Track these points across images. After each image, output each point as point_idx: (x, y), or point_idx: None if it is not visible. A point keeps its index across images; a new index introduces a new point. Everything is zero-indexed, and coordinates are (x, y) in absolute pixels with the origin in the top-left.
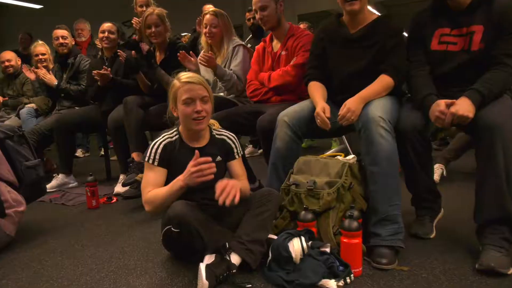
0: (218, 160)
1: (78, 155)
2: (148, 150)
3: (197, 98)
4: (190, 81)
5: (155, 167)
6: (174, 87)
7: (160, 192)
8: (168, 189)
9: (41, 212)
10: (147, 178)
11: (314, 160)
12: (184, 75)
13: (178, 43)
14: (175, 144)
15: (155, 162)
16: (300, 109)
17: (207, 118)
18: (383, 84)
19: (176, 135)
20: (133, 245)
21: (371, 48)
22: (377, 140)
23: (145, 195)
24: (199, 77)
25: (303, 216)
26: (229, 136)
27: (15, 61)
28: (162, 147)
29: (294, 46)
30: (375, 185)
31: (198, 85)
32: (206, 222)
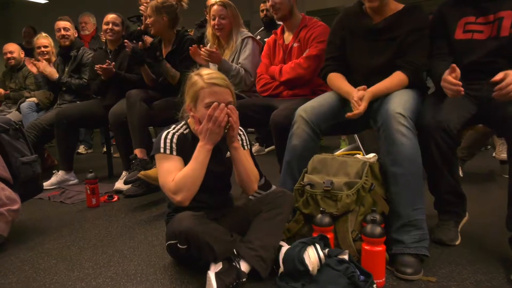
0: (228, 156)
1: (80, 152)
2: (160, 142)
3: (223, 102)
4: (216, 83)
5: (172, 157)
6: (195, 86)
7: (187, 170)
8: (194, 161)
9: (38, 210)
10: (165, 168)
11: (331, 158)
12: (208, 74)
13: (186, 36)
14: (186, 137)
15: (173, 151)
16: (319, 104)
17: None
18: (396, 81)
19: (187, 129)
20: (133, 248)
21: (394, 41)
22: (398, 138)
23: (169, 185)
24: (225, 78)
25: (320, 220)
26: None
27: (18, 53)
28: (176, 138)
29: (307, 38)
30: (397, 187)
31: (225, 88)
32: (216, 233)
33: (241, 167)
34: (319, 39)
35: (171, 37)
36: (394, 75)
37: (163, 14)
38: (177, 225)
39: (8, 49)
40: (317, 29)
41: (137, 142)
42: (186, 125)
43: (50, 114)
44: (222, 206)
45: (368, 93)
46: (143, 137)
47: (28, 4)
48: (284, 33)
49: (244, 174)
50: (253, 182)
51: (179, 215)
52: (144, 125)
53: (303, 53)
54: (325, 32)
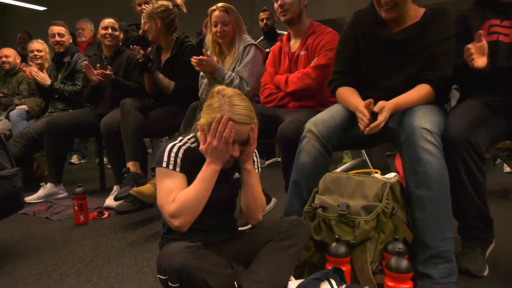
0: (236, 177)
1: (73, 162)
2: (164, 155)
3: (238, 141)
4: (242, 121)
5: (174, 173)
6: (217, 111)
7: (190, 192)
8: (198, 182)
9: (20, 227)
10: (166, 186)
11: (345, 177)
12: (235, 105)
13: (186, 42)
14: (194, 152)
15: (177, 167)
16: (330, 117)
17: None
18: (423, 95)
19: (195, 143)
20: (121, 276)
21: (420, 54)
22: (424, 157)
23: (169, 207)
24: (251, 110)
25: (335, 250)
26: None
27: (13, 58)
28: (183, 152)
29: (315, 45)
30: (423, 213)
31: (248, 126)
32: (214, 267)
33: (249, 193)
34: (328, 47)
35: (169, 43)
36: (420, 88)
37: (156, 20)
38: (169, 260)
39: (4, 53)
40: (326, 36)
41: (130, 154)
42: (194, 137)
43: (40, 122)
44: (224, 229)
45: (389, 104)
46: (137, 149)
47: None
48: (290, 40)
49: (252, 202)
50: (259, 211)
51: (172, 247)
52: (138, 136)
53: (311, 62)
54: (335, 39)
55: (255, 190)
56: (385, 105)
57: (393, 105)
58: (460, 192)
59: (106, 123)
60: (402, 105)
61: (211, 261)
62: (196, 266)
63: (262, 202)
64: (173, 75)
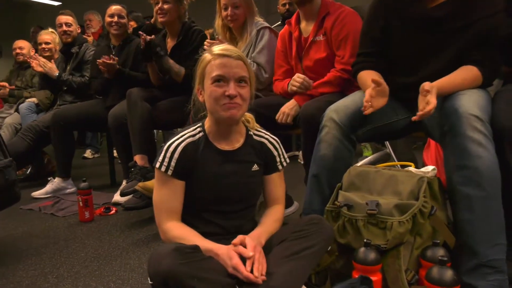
0: (255, 169)
1: (86, 156)
2: (161, 153)
3: (232, 77)
4: (226, 54)
5: (169, 179)
6: (203, 62)
7: (187, 239)
8: (199, 243)
9: (23, 224)
10: (160, 195)
11: (374, 171)
12: (218, 47)
13: (193, 27)
14: (198, 144)
15: (169, 171)
16: (354, 103)
17: (242, 107)
18: (468, 77)
19: (200, 133)
20: (122, 279)
21: (463, 32)
22: (473, 149)
23: (162, 223)
24: (238, 50)
25: (363, 256)
26: (271, 140)
27: (27, 50)
28: (180, 151)
29: (337, 32)
30: (471, 214)
31: (236, 60)
32: (208, 273)
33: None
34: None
35: (177, 29)
36: (466, 70)
37: (183, 4)
38: (154, 264)
39: (18, 45)
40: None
41: (137, 147)
42: (201, 127)
43: (48, 115)
44: (241, 232)
45: (435, 86)
46: (145, 141)
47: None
48: (301, 23)
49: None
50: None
51: (160, 249)
52: (146, 127)
53: (333, 48)
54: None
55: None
56: (432, 87)
57: (436, 88)
58: (510, 192)
59: (113, 115)
60: (445, 89)
61: (206, 266)
62: (185, 272)
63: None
64: (181, 62)
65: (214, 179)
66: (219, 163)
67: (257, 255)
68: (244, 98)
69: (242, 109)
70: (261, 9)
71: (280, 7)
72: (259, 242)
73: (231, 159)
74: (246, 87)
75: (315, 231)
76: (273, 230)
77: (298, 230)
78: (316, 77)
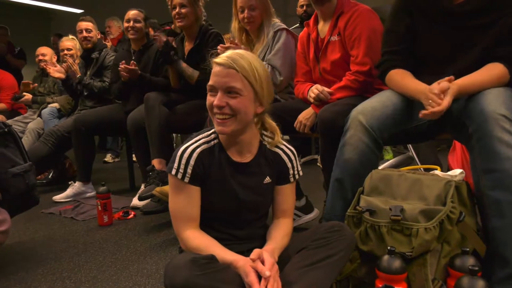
0: (267, 182)
1: (107, 160)
2: (175, 159)
3: (220, 87)
4: (219, 62)
5: (185, 186)
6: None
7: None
8: (218, 255)
9: (44, 227)
10: (177, 203)
11: (398, 175)
12: (227, 52)
13: (210, 30)
14: (213, 150)
15: (186, 178)
16: (381, 104)
17: (235, 120)
18: (494, 75)
19: (215, 140)
20: (139, 285)
21: (492, 28)
22: (503, 151)
23: (180, 232)
24: (245, 59)
25: (387, 264)
26: (286, 151)
27: (50, 56)
28: (196, 157)
29: (350, 32)
30: (502, 220)
31: (227, 69)
32: (225, 285)
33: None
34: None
35: (195, 32)
36: (491, 67)
37: (199, 6)
38: (171, 275)
39: (41, 51)
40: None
41: (155, 151)
42: (215, 134)
43: (69, 120)
44: (252, 238)
45: (454, 85)
46: (163, 145)
47: (66, 13)
48: (318, 24)
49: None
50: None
51: (177, 260)
52: (164, 131)
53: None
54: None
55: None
56: (448, 87)
57: (457, 87)
58: None
59: (132, 119)
60: (468, 87)
61: (222, 278)
62: (201, 284)
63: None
64: (198, 66)
65: (225, 191)
66: (231, 175)
67: (273, 272)
68: (234, 109)
69: (234, 123)
70: (279, 11)
71: (298, 9)
72: (274, 259)
73: (243, 171)
74: (237, 98)
75: (336, 239)
76: (284, 246)
77: (318, 238)
78: (333, 79)
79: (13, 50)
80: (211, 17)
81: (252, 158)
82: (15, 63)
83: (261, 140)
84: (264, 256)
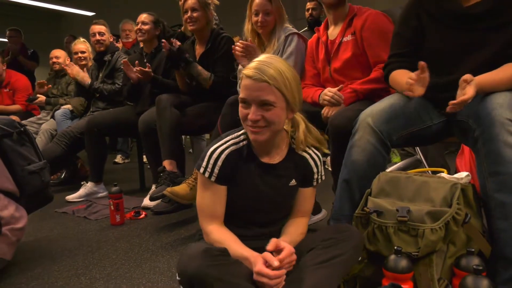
0: (292, 184)
1: (117, 161)
2: (204, 158)
3: (253, 101)
4: (250, 75)
5: (212, 185)
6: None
7: (226, 244)
8: (233, 253)
9: (58, 226)
10: (203, 199)
11: (405, 177)
12: (255, 61)
13: (221, 34)
14: (241, 152)
15: (212, 177)
16: (390, 107)
17: (269, 129)
18: (510, 75)
19: (244, 141)
20: (152, 282)
21: (502, 30)
22: (508, 155)
23: (204, 225)
24: (274, 69)
25: (394, 263)
26: (313, 156)
27: (63, 59)
28: (224, 158)
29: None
30: (507, 222)
31: (260, 83)
32: (235, 278)
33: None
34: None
35: (206, 36)
36: (508, 68)
37: (210, 10)
38: (183, 264)
39: (55, 54)
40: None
41: (166, 152)
42: (244, 135)
43: (82, 121)
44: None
45: (476, 79)
46: (174, 147)
47: (77, 16)
48: (328, 28)
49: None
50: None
51: (190, 249)
52: (175, 133)
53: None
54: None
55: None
56: (472, 78)
57: (477, 82)
58: None
59: (143, 120)
60: (486, 85)
61: (233, 271)
62: (212, 274)
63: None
64: (209, 69)
65: (252, 191)
66: (259, 176)
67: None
68: (270, 121)
69: (269, 132)
70: (288, 15)
71: (306, 13)
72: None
73: (270, 172)
74: (271, 110)
75: (344, 239)
76: (298, 242)
77: (327, 238)
78: (343, 79)
79: (26, 52)
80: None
81: (280, 160)
82: (27, 65)
83: (290, 143)
84: (282, 244)
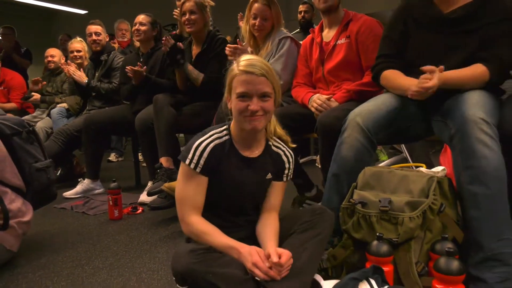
0: (268, 177)
1: (111, 159)
2: (190, 151)
3: (255, 94)
4: (250, 70)
5: (196, 176)
6: (231, 74)
7: (207, 237)
8: (219, 242)
9: (59, 221)
10: (185, 190)
11: (387, 172)
12: (245, 60)
13: (217, 35)
14: (224, 146)
15: (198, 168)
16: (376, 107)
17: (265, 117)
18: (475, 73)
19: (226, 136)
20: (153, 271)
21: (476, 34)
22: (479, 150)
23: (185, 216)
24: (263, 64)
25: (376, 248)
26: (287, 153)
27: (58, 58)
28: (209, 151)
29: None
30: (478, 211)
31: (260, 77)
32: (225, 269)
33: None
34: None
35: (203, 37)
36: (474, 67)
37: (207, 12)
38: (173, 263)
39: (50, 53)
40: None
41: (163, 149)
42: (227, 130)
43: (79, 120)
44: (249, 225)
45: (440, 74)
46: (170, 144)
47: (70, 14)
48: (323, 31)
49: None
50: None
51: (179, 250)
52: (171, 131)
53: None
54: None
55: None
56: (436, 70)
57: (443, 75)
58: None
59: (140, 119)
60: (451, 79)
61: (220, 262)
62: (199, 269)
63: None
64: (204, 69)
65: (233, 183)
66: (240, 169)
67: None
68: (267, 111)
69: (265, 120)
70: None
71: (298, 15)
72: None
73: (250, 166)
74: (269, 100)
75: (319, 221)
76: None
77: (305, 221)
78: (335, 80)
79: (20, 50)
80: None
81: (259, 154)
82: (20, 63)
83: (267, 138)
84: (279, 250)
